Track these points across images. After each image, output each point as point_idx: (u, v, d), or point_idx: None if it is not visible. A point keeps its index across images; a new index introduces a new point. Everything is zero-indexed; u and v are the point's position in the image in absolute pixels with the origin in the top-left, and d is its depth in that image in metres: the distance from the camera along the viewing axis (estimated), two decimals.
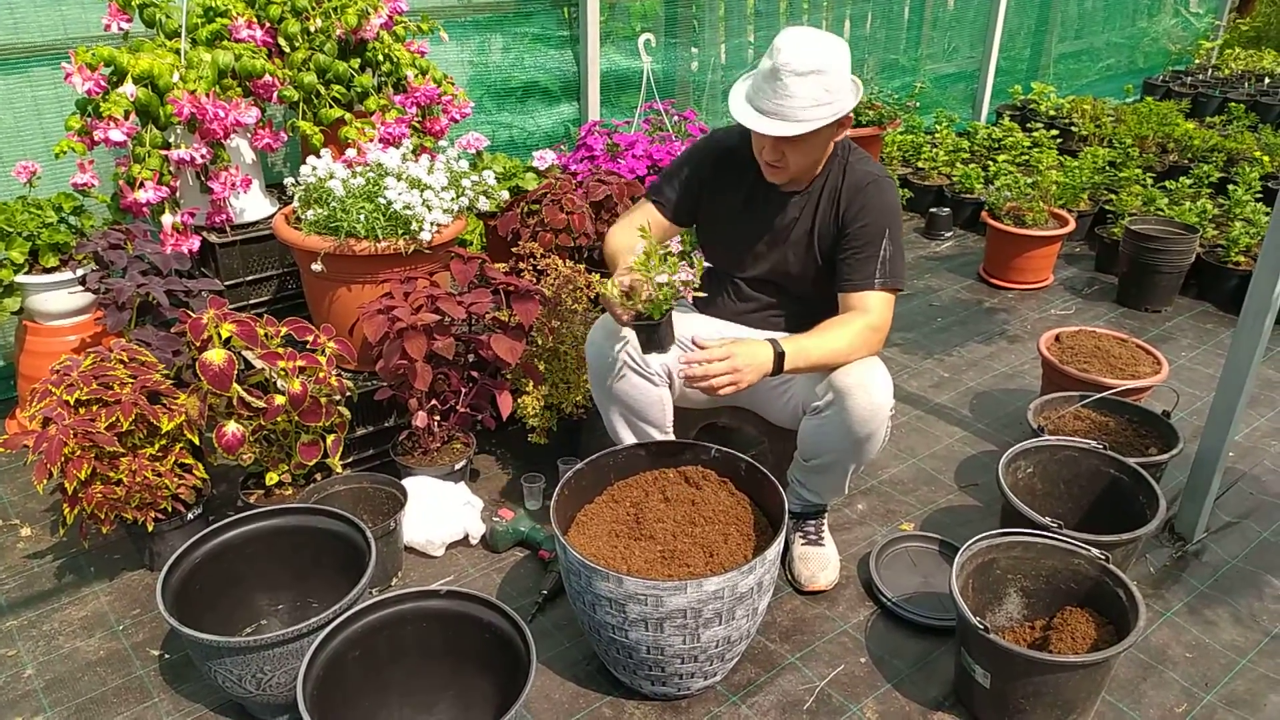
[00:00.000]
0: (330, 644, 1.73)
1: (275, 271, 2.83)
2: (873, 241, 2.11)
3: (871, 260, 2.11)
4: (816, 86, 1.95)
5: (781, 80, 1.95)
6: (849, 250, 2.13)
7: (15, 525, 2.48)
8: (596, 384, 2.28)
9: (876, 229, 2.11)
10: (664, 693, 1.96)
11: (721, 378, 1.93)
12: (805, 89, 1.95)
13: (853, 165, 2.17)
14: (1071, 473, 2.39)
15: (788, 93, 1.95)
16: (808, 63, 1.94)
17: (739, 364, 1.94)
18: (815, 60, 1.94)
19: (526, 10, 3.79)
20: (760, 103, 2.00)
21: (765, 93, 1.98)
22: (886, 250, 2.11)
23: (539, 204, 3.00)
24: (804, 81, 1.94)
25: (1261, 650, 2.15)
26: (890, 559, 2.39)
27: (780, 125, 1.97)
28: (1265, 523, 2.56)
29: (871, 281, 2.11)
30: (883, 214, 2.12)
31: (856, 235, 2.12)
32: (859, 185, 2.13)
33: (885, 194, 2.14)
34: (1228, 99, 5.71)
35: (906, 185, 4.83)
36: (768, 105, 1.98)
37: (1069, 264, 4.28)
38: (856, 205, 2.13)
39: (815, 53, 1.95)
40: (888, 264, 2.11)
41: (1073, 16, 6.20)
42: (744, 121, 2.01)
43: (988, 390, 3.24)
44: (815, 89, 1.95)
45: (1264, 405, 3.13)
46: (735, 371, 1.93)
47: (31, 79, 2.80)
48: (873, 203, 2.12)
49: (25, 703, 1.96)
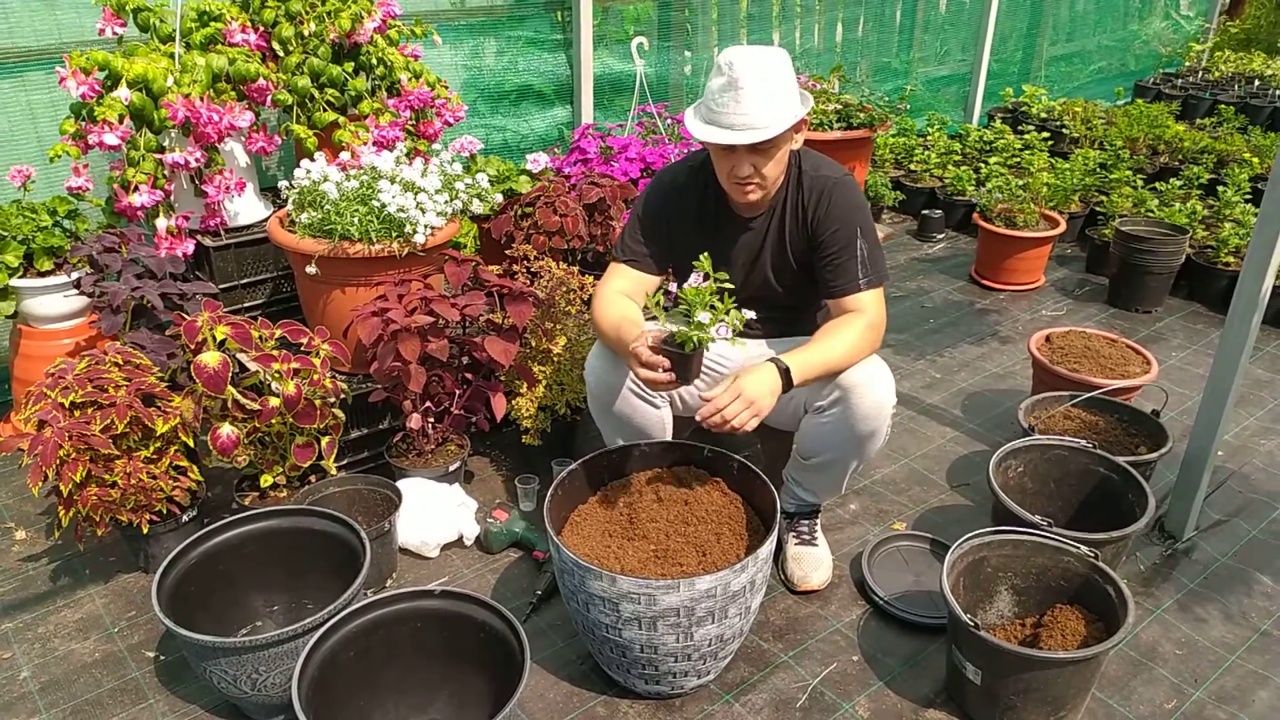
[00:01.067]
0: (325, 644, 1.74)
1: (269, 274, 2.84)
2: (848, 245, 2.11)
3: (852, 262, 2.11)
4: (774, 89, 1.96)
5: (741, 89, 1.93)
6: (827, 257, 2.13)
7: (10, 528, 2.48)
8: (598, 409, 2.27)
9: (848, 231, 2.11)
10: (658, 691, 1.97)
11: (742, 415, 1.90)
12: (763, 92, 1.94)
13: (807, 173, 2.15)
14: (1061, 472, 2.41)
15: (748, 98, 1.93)
16: (761, 68, 1.94)
17: (750, 395, 1.90)
18: (766, 65, 1.95)
19: (520, 14, 3.80)
20: (722, 118, 1.96)
21: (725, 106, 1.95)
22: (863, 249, 2.11)
23: (532, 206, 3.02)
24: (762, 85, 1.94)
25: (1250, 647, 2.16)
26: (882, 558, 2.40)
27: (751, 134, 1.96)
28: (1254, 521, 2.58)
29: (857, 283, 2.12)
30: (850, 215, 2.12)
31: (830, 242, 2.12)
32: (819, 191, 2.13)
33: (848, 194, 2.13)
34: (1218, 101, 5.75)
35: (898, 187, 4.85)
36: (733, 119, 1.95)
37: (1060, 265, 4.30)
38: (821, 212, 2.12)
39: (764, 59, 1.96)
40: (868, 263, 2.12)
41: (1064, 19, 6.24)
42: (713, 139, 1.97)
43: (979, 391, 3.26)
44: (773, 91, 1.96)
45: (1253, 404, 3.16)
46: (751, 404, 1.90)
47: (26, 83, 2.81)
48: (838, 207, 2.12)
49: (21, 705, 1.96)
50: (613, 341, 2.11)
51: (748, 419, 1.90)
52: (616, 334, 2.07)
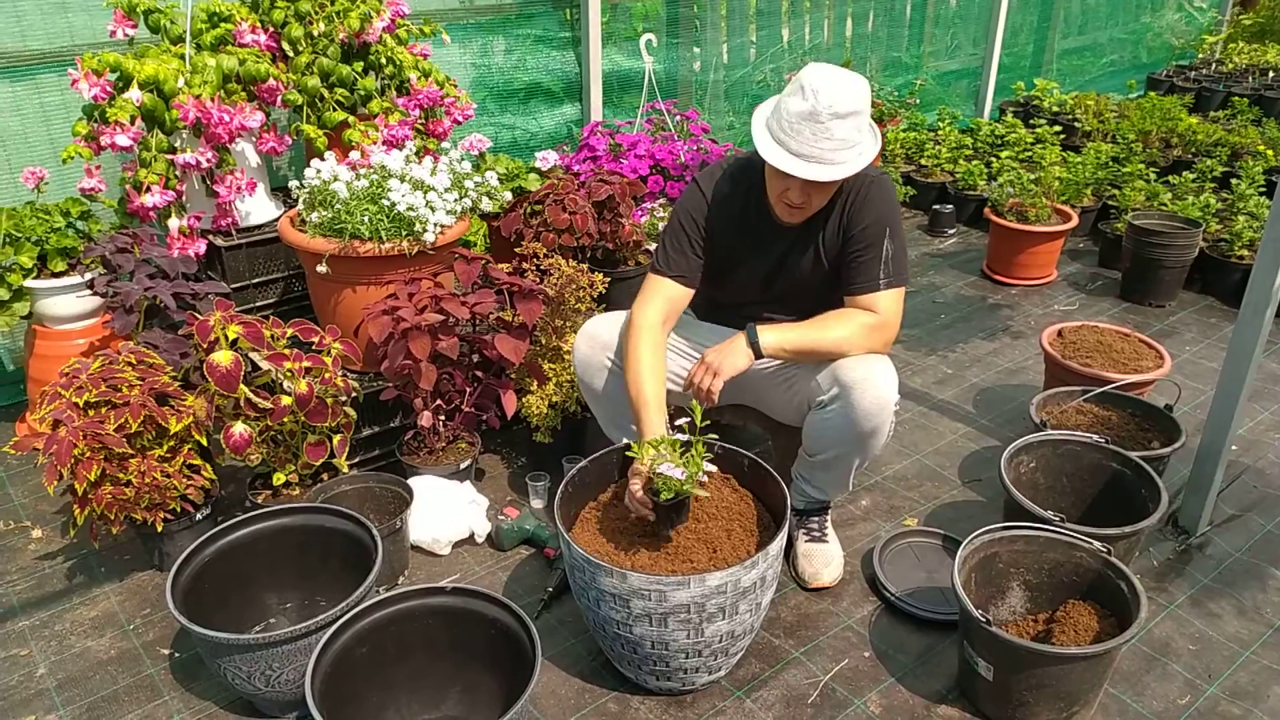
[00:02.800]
0: (339, 640, 1.75)
1: (280, 274, 2.85)
2: (875, 243, 2.11)
3: (875, 262, 2.11)
4: (853, 128, 1.94)
5: (823, 123, 1.90)
6: (853, 253, 2.13)
7: (26, 527, 2.50)
8: (587, 393, 2.32)
9: (878, 229, 2.11)
10: (669, 688, 1.97)
11: (703, 377, 2.09)
12: (844, 131, 1.92)
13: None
14: (1074, 467, 2.40)
15: (828, 135, 1.91)
16: (848, 104, 1.91)
17: (709, 359, 2.10)
18: (854, 101, 1.92)
19: (528, 12, 3.81)
20: (796, 146, 1.94)
21: (803, 135, 1.93)
22: (888, 250, 2.11)
23: (542, 204, 3.02)
24: (844, 123, 1.92)
25: (1265, 642, 2.15)
26: (894, 554, 2.40)
27: (820, 169, 1.94)
28: (1269, 516, 2.57)
29: (877, 283, 2.11)
30: (883, 213, 2.12)
31: (860, 238, 2.12)
32: (857, 188, 2.12)
33: (884, 192, 2.14)
34: (1231, 93, 5.70)
35: (909, 182, 4.83)
36: (807, 149, 1.93)
37: (1072, 260, 4.28)
38: (856, 207, 2.12)
39: (852, 93, 1.92)
40: (890, 263, 2.11)
41: (1075, 12, 6.20)
42: (784, 167, 1.95)
43: (991, 386, 3.25)
44: (852, 130, 1.94)
45: (1267, 399, 3.14)
46: (708, 366, 2.09)
47: (39, 85, 2.83)
48: (873, 203, 2.12)
49: (38, 701, 1.98)
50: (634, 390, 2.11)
51: (708, 380, 2.08)
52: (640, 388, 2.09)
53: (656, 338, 2.15)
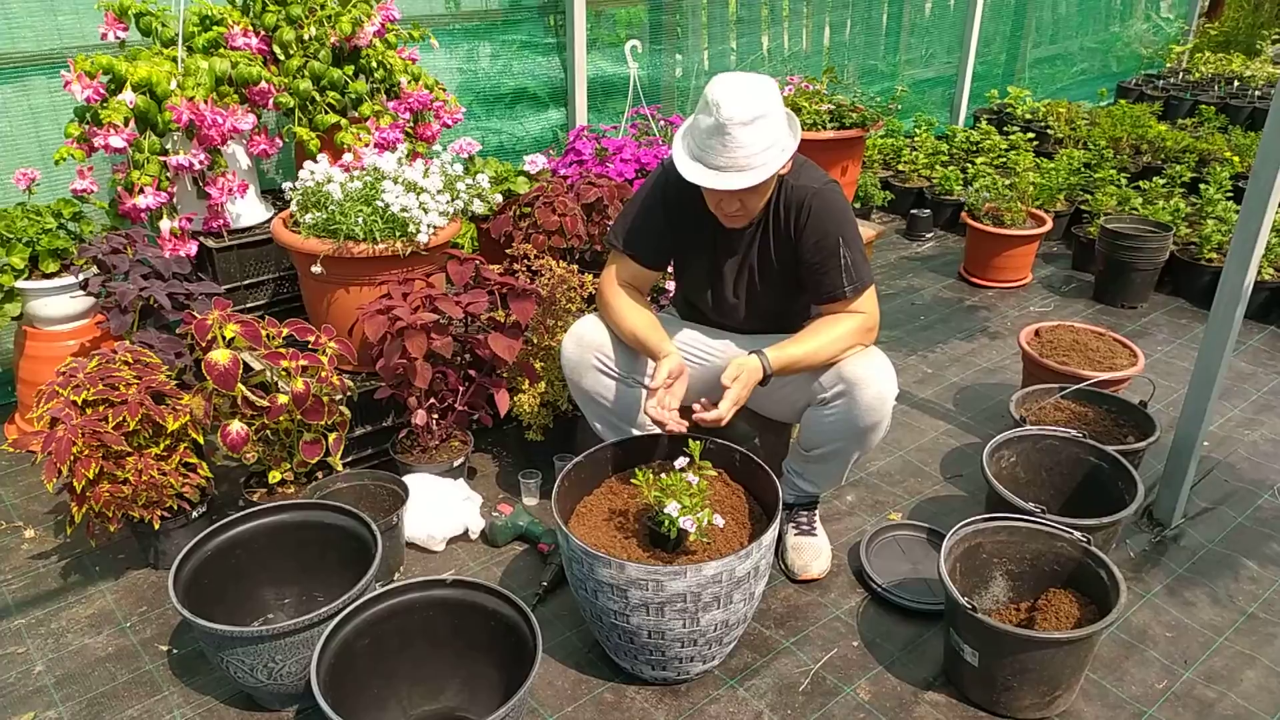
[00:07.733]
0: (341, 632, 1.78)
1: (271, 275, 2.87)
2: (832, 254, 2.14)
3: (836, 271, 2.14)
4: (762, 132, 1.96)
5: (729, 134, 1.93)
6: (813, 265, 2.16)
7: (19, 527, 2.50)
8: (576, 392, 2.37)
9: (831, 241, 2.13)
10: (664, 677, 2.01)
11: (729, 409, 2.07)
12: (752, 136, 1.95)
13: (789, 182, 2.16)
14: (1053, 461, 2.47)
15: (737, 144, 1.94)
16: (749, 110, 1.93)
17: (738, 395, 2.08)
18: (755, 107, 1.93)
19: (514, 18, 3.85)
20: (711, 159, 1.97)
21: (713, 149, 1.96)
22: (846, 257, 2.14)
23: (531, 207, 3.06)
24: (750, 129, 1.94)
25: (1238, 629, 2.23)
26: (880, 547, 2.46)
27: (737, 178, 1.97)
28: (1240, 508, 2.65)
29: (843, 290, 2.15)
30: (833, 224, 2.13)
31: (815, 250, 2.15)
32: (799, 202, 2.14)
33: (830, 202, 2.14)
34: (1199, 101, 5.85)
35: (887, 187, 4.92)
36: (719, 161, 1.96)
37: (1047, 263, 4.38)
38: (801, 222, 2.14)
39: (753, 99, 1.94)
40: (852, 269, 2.15)
41: (1047, 22, 6.33)
42: (700, 182, 2.00)
43: (970, 385, 3.32)
44: (761, 134, 1.96)
45: (1237, 396, 3.23)
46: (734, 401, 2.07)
47: (27, 87, 2.84)
48: (817, 217, 2.13)
49: (37, 698, 1.99)
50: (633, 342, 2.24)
51: (731, 413, 2.08)
52: (638, 339, 2.21)
53: (631, 292, 2.26)
